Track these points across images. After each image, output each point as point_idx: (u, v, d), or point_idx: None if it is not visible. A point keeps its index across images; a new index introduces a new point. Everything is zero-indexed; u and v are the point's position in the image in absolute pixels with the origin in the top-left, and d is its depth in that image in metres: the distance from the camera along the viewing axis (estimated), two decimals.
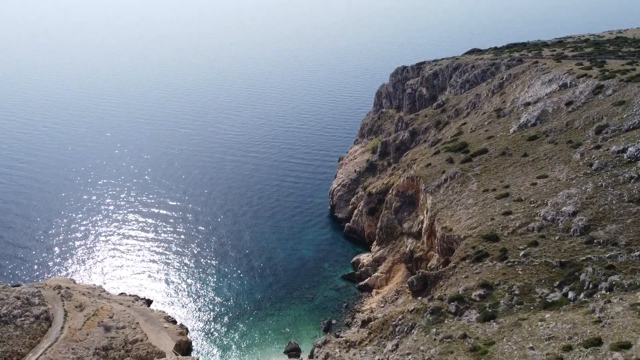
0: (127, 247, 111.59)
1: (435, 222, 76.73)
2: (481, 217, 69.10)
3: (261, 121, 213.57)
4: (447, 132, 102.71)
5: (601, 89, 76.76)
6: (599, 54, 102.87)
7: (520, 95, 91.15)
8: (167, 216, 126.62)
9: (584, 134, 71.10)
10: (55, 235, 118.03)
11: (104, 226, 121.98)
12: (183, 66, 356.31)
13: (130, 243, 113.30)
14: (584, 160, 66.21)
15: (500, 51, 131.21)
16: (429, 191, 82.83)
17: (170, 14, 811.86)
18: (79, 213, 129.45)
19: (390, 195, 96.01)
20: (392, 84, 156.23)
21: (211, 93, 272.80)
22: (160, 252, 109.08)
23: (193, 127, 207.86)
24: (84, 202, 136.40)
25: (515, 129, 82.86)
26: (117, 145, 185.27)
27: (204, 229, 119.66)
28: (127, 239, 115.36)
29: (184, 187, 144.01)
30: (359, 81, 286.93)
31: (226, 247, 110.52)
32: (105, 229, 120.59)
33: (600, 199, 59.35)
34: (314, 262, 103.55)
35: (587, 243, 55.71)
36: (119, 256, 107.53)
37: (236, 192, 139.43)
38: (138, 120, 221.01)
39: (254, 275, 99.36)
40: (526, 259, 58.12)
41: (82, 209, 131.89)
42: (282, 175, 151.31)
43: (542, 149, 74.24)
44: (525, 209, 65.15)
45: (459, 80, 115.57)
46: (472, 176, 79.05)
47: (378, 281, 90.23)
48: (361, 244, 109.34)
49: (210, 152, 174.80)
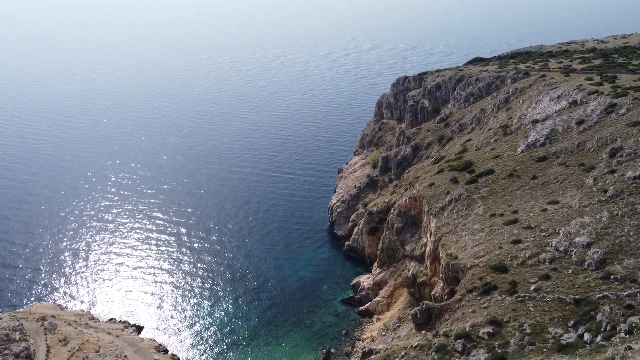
0: (117, 267, 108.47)
1: (440, 247, 73.79)
2: (488, 244, 66.15)
3: (256, 130, 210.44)
4: (450, 149, 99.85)
5: (614, 108, 73.96)
6: (608, 67, 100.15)
7: (528, 111, 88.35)
8: (159, 233, 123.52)
9: (596, 156, 68.21)
10: (43, 255, 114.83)
11: (94, 245, 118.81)
12: (176, 72, 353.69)
13: (121, 263, 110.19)
14: (597, 186, 63.30)
15: (505, 62, 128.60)
16: (433, 213, 79.94)
17: (169, 15, 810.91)
18: (67, 231, 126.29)
19: (392, 215, 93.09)
20: (393, 95, 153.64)
21: (204, 100, 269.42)
22: (153, 272, 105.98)
23: (185, 136, 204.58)
24: (73, 218, 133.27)
25: (523, 148, 80.00)
26: (107, 155, 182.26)
27: (198, 247, 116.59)
28: (117, 258, 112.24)
29: (176, 202, 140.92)
30: (358, 87, 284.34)
31: (221, 267, 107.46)
32: (95, 248, 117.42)
33: (616, 229, 56.40)
34: (313, 284, 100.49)
35: (603, 278, 52.73)
36: (109, 278, 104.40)
37: (230, 208, 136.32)
38: (128, 128, 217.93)
39: (251, 298, 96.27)
40: (537, 294, 55.13)
41: (71, 226, 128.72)
42: (278, 188, 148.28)
43: (552, 172, 71.35)
44: (535, 237, 62.19)
45: (462, 93, 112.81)
46: (478, 199, 76.13)
47: (379, 306, 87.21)
48: (361, 263, 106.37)
49: (203, 164, 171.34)
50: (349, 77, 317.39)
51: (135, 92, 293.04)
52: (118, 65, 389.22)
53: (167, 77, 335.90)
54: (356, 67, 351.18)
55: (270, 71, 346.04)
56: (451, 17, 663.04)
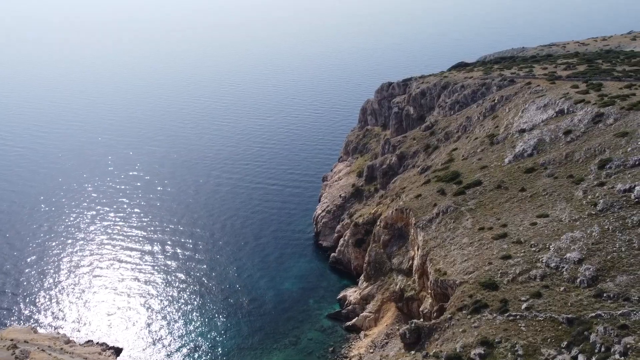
0: (95, 285, 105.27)
1: (428, 262, 72.51)
2: (478, 260, 65.01)
3: (237, 138, 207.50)
4: (437, 158, 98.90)
5: (601, 118, 73.56)
6: (593, 74, 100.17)
7: (515, 120, 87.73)
8: (138, 248, 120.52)
9: (585, 168, 67.57)
10: (14, 274, 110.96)
11: (69, 262, 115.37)
12: (153, 79, 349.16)
13: (99, 280, 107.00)
14: (587, 199, 62.54)
15: (490, 68, 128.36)
16: (420, 226, 78.65)
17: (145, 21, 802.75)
18: (40, 247, 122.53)
19: (379, 227, 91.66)
20: (378, 101, 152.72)
21: (182, 107, 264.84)
22: (132, 290, 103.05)
23: (163, 145, 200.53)
24: (46, 234, 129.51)
25: (511, 158, 79.21)
26: (83, 167, 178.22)
27: (178, 262, 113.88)
28: (95, 276, 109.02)
29: (156, 216, 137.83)
30: (342, 92, 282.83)
31: (203, 283, 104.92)
32: (71, 265, 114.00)
33: (607, 245, 55.56)
34: (298, 298, 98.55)
35: (596, 296, 51.76)
36: (87, 297, 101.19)
37: (211, 220, 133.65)
38: (105, 137, 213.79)
39: (235, 315, 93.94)
40: (529, 313, 54.01)
41: (44, 242, 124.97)
42: (262, 198, 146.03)
43: (541, 184, 70.57)
44: (525, 253, 61.18)
45: (448, 100, 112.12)
46: (465, 211, 75.05)
47: (366, 322, 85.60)
48: (348, 276, 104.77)
49: (183, 175, 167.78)
50: (332, 81, 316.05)
51: (112, 100, 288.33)
52: (94, 72, 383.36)
53: (145, 84, 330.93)
54: (339, 71, 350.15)
55: (251, 76, 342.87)
56: (434, 20, 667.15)
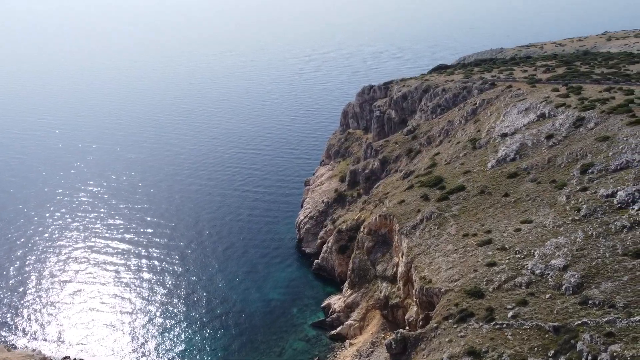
0: (72, 297, 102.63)
1: (412, 269, 72.01)
2: (463, 267, 64.70)
3: (216, 142, 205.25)
4: (419, 163, 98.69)
5: (582, 122, 74.00)
6: (573, 77, 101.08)
7: (496, 124, 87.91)
8: (116, 258, 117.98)
9: (568, 173, 67.77)
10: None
11: (45, 274, 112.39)
12: (130, 82, 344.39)
13: (76, 292, 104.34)
14: (570, 204, 62.67)
15: (470, 71, 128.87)
16: (404, 233, 78.16)
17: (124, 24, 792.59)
18: (15, 258, 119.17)
19: (362, 234, 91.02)
20: (359, 104, 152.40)
21: (158, 111, 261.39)
22: (110, 302, 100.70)
23: (140, 150, 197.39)
24: (21, 244, 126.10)
25: (494, 163, 79.23)
26: (59, 175, 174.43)
27: (158, 272, 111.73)
28: (72, 287, 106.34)
29: (134, 223, 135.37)
30: (323, 95, 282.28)
31: (183, 293, 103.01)
32: (46, 277, 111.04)
33: (592, 251, 55.64)
34: (282, 307, 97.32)
35: (582, 304, 51.71)
36: (63, 310, 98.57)
37: (192, 227, 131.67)
38: (80, 143, 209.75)
39: (217, 326, 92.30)
40: (515, 321, 53.75)
41: (18, 252, 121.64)
42: (243, 204, 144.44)
43: (524, 189, 70.62)
44: (510, 259, 61.02)
45: (429, 104, 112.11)
46: (449, 217, 74.78)
47: (351, 330, 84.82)
48: (332, 282, 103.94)
49: (162, 181, 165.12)
50: (312, 84, 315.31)
51: (87, 105, 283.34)
52: (70, 78, 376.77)
53: (122, 90, 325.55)
54: (320, 73, 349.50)
55: (229, 79, 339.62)
56: (413, 22, 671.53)
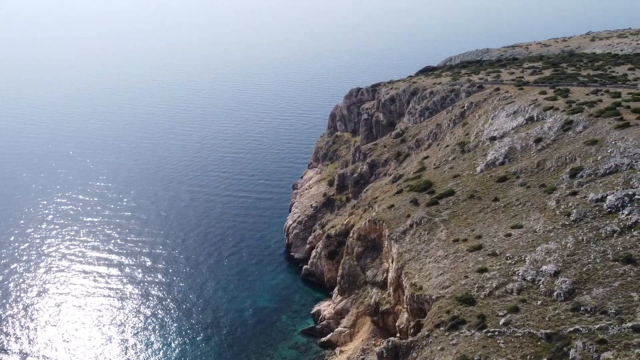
0: (57, 308, 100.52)
1: (403, 275, 71.57)
2: (453, 273, 64.33)
3: (202, 146, 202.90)
4: (408, 167, 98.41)
5: (571, 125, 74.13)
6: (560, 79, 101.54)
7: (485, 127, 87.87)
8: (100, 265, 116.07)
9: (557, 177, 67.77)
10: None
11: (29, 283, 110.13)
12: (113, 84, 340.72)
13: (61, 303, 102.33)
14: (560, 209, 62.61)
15: (458, 73, 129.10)
16: (394, 238, 77.71)
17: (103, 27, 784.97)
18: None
19: (352, 239, 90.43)
20: (347, 107, 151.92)
21: (143, 114, 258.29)
22: (96, 311, 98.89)
23: (125, 155, 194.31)
24: (3, 252, 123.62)
25: (483, 167, 79.12)
26: (40, 180, 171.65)
27: (144, 280, 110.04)
28: (56, 297, 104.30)
29: (118, 229, 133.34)
30: (310, 96, 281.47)
31: (171, 302, 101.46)
32: (30, 286, 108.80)
33: (582, 256, 55.54)
34: (271, 314, 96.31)
35: (574, 310, 51.55)
36: (48, 320, 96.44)
37: (178, 233, 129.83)
38: (63, 148, 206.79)
39: (205, 335, 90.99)
40: (507, 329, 53.43)
41: (4, 259, 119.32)
42: (230, 209, 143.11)
43: (514, 193, 70.52)
44: (501, 265, 60.77)
45: (417, 107, 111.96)
46: (439, 222, 74.45)
47: (342, 337, 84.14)
48: (321, 288, 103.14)
49: (146, 185, 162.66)
50: (299, 85, 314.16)
51: (67, 108, 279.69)
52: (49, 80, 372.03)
53: (103, 92, 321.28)
54: (306, 75, 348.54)
55: (214, 81, 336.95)
56: (399, 22, 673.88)
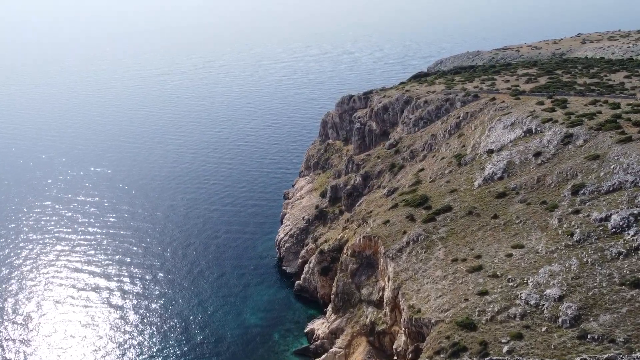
0: (46, 330, 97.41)
1: (400, 296, 69.49)
2: (453, 296, 62.38)
3: (189, 154, 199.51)
4: (403, 179, 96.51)
5: (571, 139, 72.65)
6: (556, 89, 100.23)
7: (482, 139, 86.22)
8: (87, 281, 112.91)
9: (558, 193, 66.13)
10: None
11: (19, 296, 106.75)
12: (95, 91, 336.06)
13: (49, 323, 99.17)
14: (562, 228, 60.92)
15: (451, 81, 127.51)
16: (390, 256, 75.65)
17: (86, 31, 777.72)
18: None
19: (346, 256, 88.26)
20: (339, 114, 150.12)
21: (125, 120, 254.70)
22: (81, 332, 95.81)
23: (108, 164, 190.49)
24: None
25: (480, 182, 77.37)
26: (26, 190, 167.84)
27: (131, 296, 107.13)
28: (45, 313, 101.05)
29: (104, 243, 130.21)
30: (300, 102, 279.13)
31: (159, 319, 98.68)
32: (20, 300, 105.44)
33: (588, 280, 53.81)
34: (263, 333, 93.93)
35: (580, 338, 49.72)
36: (31, 342, 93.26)
37: (166, 247, 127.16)
38: (45, 156, 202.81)
39: (195, 356, 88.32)
40: (511, 357, 51.43)
41: None
42: (219, 219, 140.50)
43: (514, 210, 68.79)
44: (503, 288, 58.89)
45: (411, 116, 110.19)
46: (437, 240, 72.53)
47: (337, 358, 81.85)
48: (314, 305, 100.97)
49: (132, 197, 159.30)
50: (289, 90, 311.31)
51: (52, 116, 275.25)
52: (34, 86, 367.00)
53: (89, 99, 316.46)
54: (297, 79, 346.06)
55: (202, 87, 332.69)
56: (389, 24, 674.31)
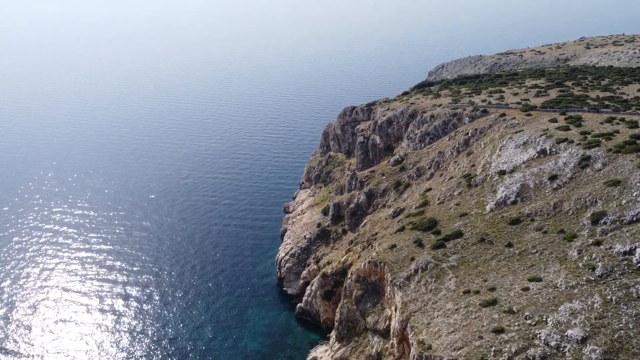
0: (39, 341, 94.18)
1: (408, 329, 66.28)
2: (466, 332, 59.20)
3: (185, 165, 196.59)
4: (409, 198, 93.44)
5: (588, 162, 69.67)
6: (568, 103, 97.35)
7: (492, 159, 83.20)
8: (81, 303, 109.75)
9: (577, 222, 63.08)
10: None
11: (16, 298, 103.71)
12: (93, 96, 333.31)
13: (43, 336, 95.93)
14: (583, 261, 57.88)
15: (458, 93, 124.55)
16: (397, 284, 72.49)
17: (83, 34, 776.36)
18: None
19: (350, 281, 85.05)
20: (340, 126, 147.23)
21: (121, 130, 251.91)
22: (79, 344, 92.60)
23: (103, 175, 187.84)
24: None
25: (493, 206, 74.31)
26: (15, 201, 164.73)
27: (123, 318, 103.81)
28: (39, 330, 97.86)
29: (101, 256, 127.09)
30: (301, 109, 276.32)
31: (154, 342, 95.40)
32: (17, 303, 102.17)
33: (612, 320, 50.74)
34: None
35: None
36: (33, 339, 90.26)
37: (160, 264, 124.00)
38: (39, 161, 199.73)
39: None
40: None
41: None
42: (216, 236, 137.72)
43: (530, 238, 65.72)
44: (520, 326, 55.77)
45: (417, 131, 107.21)
46: (447, 269, 69.41)
47: None
48: (317, 329, 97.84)
49: (127, 213, 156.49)
50: (289, 98, 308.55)
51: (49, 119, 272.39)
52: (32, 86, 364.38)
53: (86, 103, 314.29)
54: (296, 87, 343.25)
55: (200, 94, 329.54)
56: (392, 29, 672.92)
